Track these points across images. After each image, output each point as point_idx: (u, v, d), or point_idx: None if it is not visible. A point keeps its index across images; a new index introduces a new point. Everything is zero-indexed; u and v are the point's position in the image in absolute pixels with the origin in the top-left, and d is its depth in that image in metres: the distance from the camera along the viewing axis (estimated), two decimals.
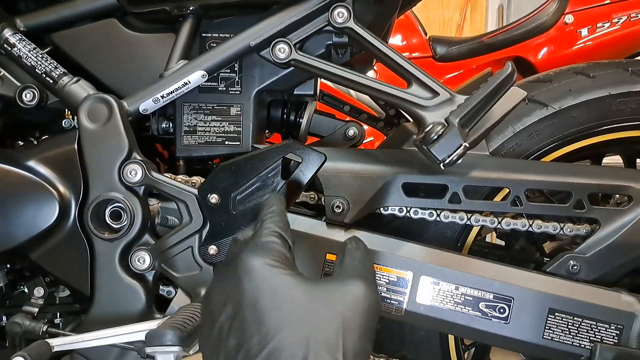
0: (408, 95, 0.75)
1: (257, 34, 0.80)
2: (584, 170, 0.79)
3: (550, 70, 0.92)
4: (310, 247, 0.78)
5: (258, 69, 0.86)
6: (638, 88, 0.84)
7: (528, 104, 0.86)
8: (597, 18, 1.85)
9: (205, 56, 0.81)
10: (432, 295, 0.75)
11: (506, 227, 0.80)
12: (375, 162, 0.80)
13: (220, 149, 0.86)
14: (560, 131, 0.85)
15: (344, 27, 0.79)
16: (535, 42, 1.89)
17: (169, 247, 0.75)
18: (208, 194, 0.73)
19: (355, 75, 0.78)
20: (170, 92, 0.80)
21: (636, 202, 0.76)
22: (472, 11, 3.82)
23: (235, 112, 0.86)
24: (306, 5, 0.80)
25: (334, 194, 0.78)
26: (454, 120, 0.68)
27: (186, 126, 0.86)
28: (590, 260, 0.76)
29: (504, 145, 0.85)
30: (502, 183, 0.79)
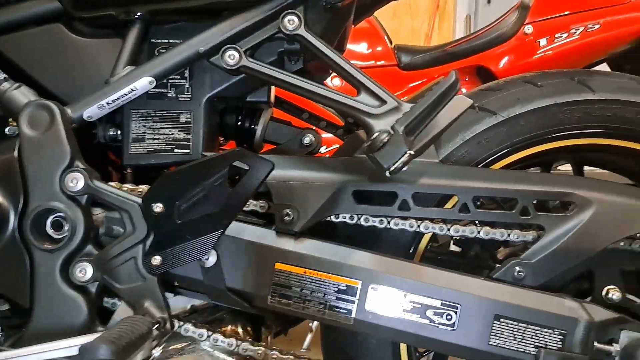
0: (356, 103, 0.75)
1: (206, 40, 0.79)
2: (529, 178, 0.80)
3: (501, 79, 0.94)
4: (259, 256, 0.77)
5: (209, 76, 0.85)
6: (583, 97, 0.86)
7: (478, 112, 0.87)
8: (555, 29, 1.89)
9: (152, 62, 0.80)
10: (380, 303, 0.75)
11: (455, 234, 0.80)
12: (326, 170, 0.79)
13: (169, 157, 0.85)
14: (509, 139, 0.86)
15: (294, 34, 0.78)
16: (497, 52, 1.92)
17: (112, 258, 0.73)
18: (152, 203, 0.72)
19: (305, 83, 0.77)
20: (116, 98, 0.79)
21: (579, 209, 0.77)
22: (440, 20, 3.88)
23: (185, 119, 0.85)
24: (257, 12, 0.79)
25: (283, 202, 0.77)
26: (399, 128, 0.68)
27: (134, 133, 0.85)
28: (535, 266, 0.77)
29: (453, 153, 0.85)
30: (451, 190, 0.79)
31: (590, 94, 0.86)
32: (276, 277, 0.77)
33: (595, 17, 1.90)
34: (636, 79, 0.89)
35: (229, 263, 0.77)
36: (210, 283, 0.77)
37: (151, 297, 0.73)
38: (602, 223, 0.77)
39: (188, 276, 0.78)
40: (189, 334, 0.79)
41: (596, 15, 1.91)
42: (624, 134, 0.86)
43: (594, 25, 1.89)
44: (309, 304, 0.77)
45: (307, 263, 0.76)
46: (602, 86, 0.86)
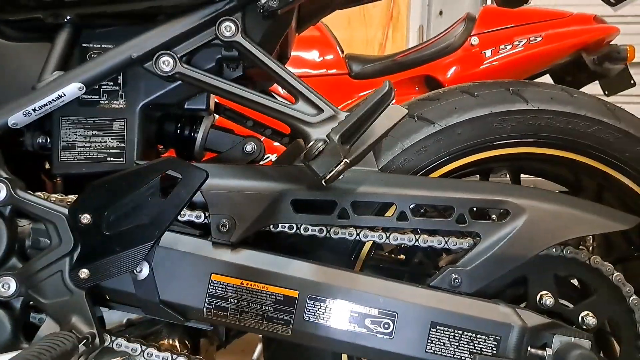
0: (293, 112, 0.74)
1: (140, 46, 0.77)
2: (465, 186, 0.81)
3: (440, 89, 0.95)
4: (194, 268, 0.75)
5: (143, 82, 0.82)
6: (517, 107, 0.88)
7: (416, 122, 0.88)
8: (499, 40, 1.95)
9: (82, 67, 0.77)
10: (318, 313, 0.74)
11: (394, 242, 0.81)
12: (264, 179, 0.78)
13: (101, 166, 0.81)
14: (446, 148, 0.87)
15: (231, 41, 0.77)
16: (445, 62, 1.96)
17: (37, 272, 0.70)
18: (79, 214, 0.69)
19: (241, 90, 0.76)
20: (43, 105, 0.75)
21: (513, 216, 0.79)
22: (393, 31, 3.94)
23: (118, 126, 0.82)
24: (193, 18, 0.78)
25: (219, 212, 0.76)
26: (334, 136, 0.68)
27: (64, 141, 0.81)
28: (471, 273, 0.78)
29: (393, 162, 0.86)
30: (389, 198, 0.79)
31: (524, 104, 0.88)
32: (212, 289, 0.75)
33: (537, 30, 1.98)
34: (567, 90, 0.92)
35: (163, 275, 0.75)
36: (142, 296, 0.74)
37: (78, 311, 0.70)
38: (535, 230, 0.79)
39: (120, 289, 0.75)
40: (122, 349, 0.76)
41: (538, 28, 1.98)
42: (555, 143, 0.89)
43: (537, 37, 1.97)
44: (246, 315, 0.75)
45: (244, 274, 0.75)
46: (535, 97, 0.89)
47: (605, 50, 2.00)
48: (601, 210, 0.82)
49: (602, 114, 0.89)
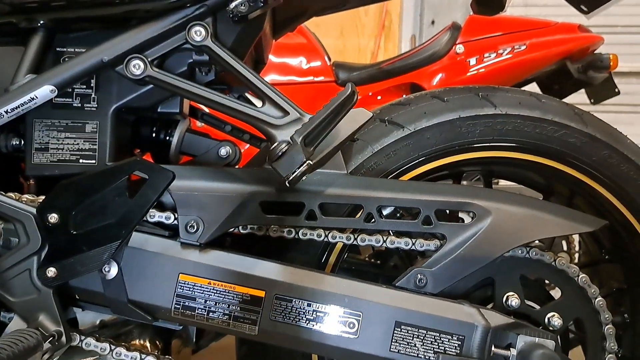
0: (260, 114, 0.75)
1: (111, 49, 0.79)
2: (432, 188, 0.82)
3: (412, 94, 0.97)
4: (162, 268, 0.76)
5: (116, 85, 0.84)
6: (485, 112, 0.89)
7: (387, 126, 0.89)
8: (484, 49, 1.98)
9: (54, 70, 0.78)
10: (285, 313, 0.75)
11: (362, 244, 0.82)
12: (233, 181, 0.79)
13: (74, 168, 0.82)
14: (416, 151, 0.89)
15: (201, 45, 0.79)
16: (430, 70, 1.98)
17: (5, 270, 0.71)
18: (47, 214, 0.70)
19: (209, 94, 0.78)
20: (15, 107, 0.77)
21: (478, 218, 0.80)
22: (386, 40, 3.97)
23: (90, 129, 0.83)
24: (163, 22, 0.79)
25: (187, 213, 0.77)
26: (297, 138, 0.69)
27: (37, 143, 0.82)
28: (436, 274, 0.79)
29: (363, 165, 0.87)
30: (356, 200, 0.81)
31: (492, 108, 0.90)
32: (180, 289, 0.76)
33: (522, 39, 2.00)
34: (536, 95, 0.94)
35: (132, 275, 0.76)
36: (111, 296, 0.75)
37: (46, 310, 0.71)
38: (500, 231, 0.80)
39: (89, 289, 0.76)
40: (91, 348, 0.77)
41: (523, 37, 2.00)
42: (524, 147, 0.90)
43: (521, 46, 1.99)
44: (214, 315, 0.76)
45: (211, 274, 0.76)
46: (503, 101, 0.91)
47: (589, 59, 2.03)
48: (566, 213, 0.83)
49: (570, 118, 0.91)
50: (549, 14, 2.62)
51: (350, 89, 0.71)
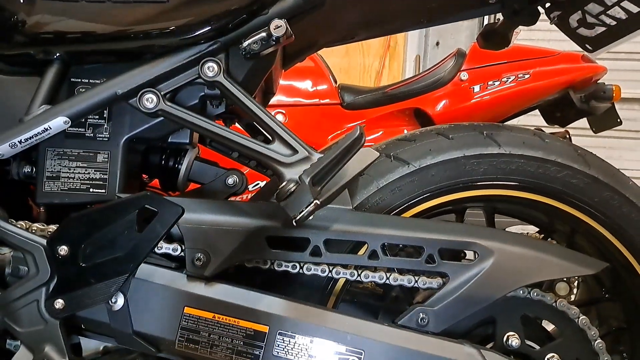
0: (269, 152, 0.77)
1: (125, 83, 0.80)
2: (435, 227, 0.83)
3: (417, 130, 0.98)
4: (168, 300, 0.77)
5: (128, 116, 0.85)
6: (489, 151, 0.91)
7: (392, 161, 0.91)
8: (488, 76, 2.00)
9: (69, 102, 0.80)
10: (287, 349, 0.76)
11: (365, 280, 0.83)
12: (239, 215, 0.81)
13: (84, 197, 0.84)
14: (420, 188, 0.90)
15: (213, 81, 0.80)
16: (434, 96, 2.00)
17: (14, 300, 0.72)
18: (57, 246, 0.71)
19: (221, 130, 0.79)
20: (29, 137, 0.78)
21: (481, 258, 0.81)
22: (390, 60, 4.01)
23: (102, 159, 0.85)
24: (177, 57, 0.81)
25: (194, 246, 0.78)
26: (305, 178, 0.70)
27: (49, 172, 0.84)
28: (438, 313, 0.79)
29: (368, 200, 0.89)
30: (361, 237, 0.82)
31: (496, 148, 0.91)
32: (185, 322, 0.77)
33: (525, 67, 2.03)
34: (539, 134, 0.95)
35: (138, 306, 0.76)
36: (116, 326, 0.76)
37: (52, 341, 0.72)
38: (502, 272, 0.81)
39: (95, 319, 0.77)
40: None
41: (527, 66, 2.03)
42: (527, 186, 0.91)
43: (525, 74, 2.01)
44: (217, 349, 0.77)
45: (216, 308, 0.77)
46: (507, 141, 0.92)
47: (592, 88, 2.05)
48: (568, 255, 0.84)
49: (572, 159, 0.92)
50: (553, 38, 2.65)
51: (358, 131, 0.72)
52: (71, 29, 0.79)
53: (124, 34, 0.79)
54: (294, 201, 0.70)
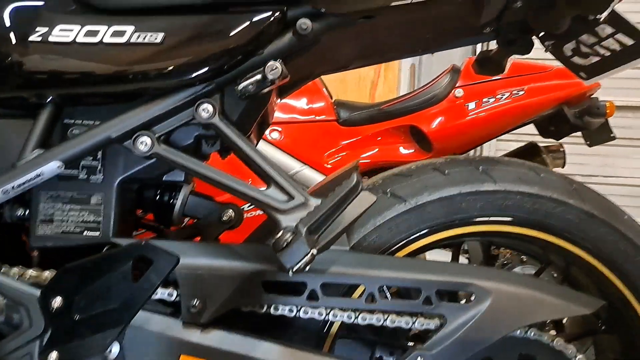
0: (264, 197, 0.76)
1: (119, 126, 0.80)
2: (433, 267, 0.83)
3: (413, 164, 0.98)
4: (164, 348, 0.76)
5: (122, 157, 0.85)
6: (485, 187, 0.91)
7: (389, 198, 0.91)
8: (483, 93, 2.00)
9: (62, 146, 0.79)
10: None
11: (363, 322, 0.82)
12: (236, 259, 0.80)
13: (78, 239, 0.83)
14: (417, 225, 0.90)
15: (208, 123, 0.80)
16: (429, 113, 2.00)
17: (6, 355, 0.71)
18: (51, 297, 0.70)
19: (216, 175, 0.79)
20: (22, 183, 0.77)
21: (478, 299, 0.81)
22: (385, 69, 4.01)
23: (96, 201, 0.84)
24: (172, 99, 0.81)
25: (190, 293, 0.77)
26: (302, 228, 0.70)
27: (42, 215, 0.83)
28: (436, 356, 0.79)
29: (365, 238, 0.88)
30: (358, 280, 0.81)
31: (492, 184, 0.91)
32: None
33: (520, 84, 2.03)
34: (534, 168, 0.95)
35: (133, 354, 0.76)
36: None
37: None
38: (500, 313, 0.81)
39: None
40: None
41: (521, 82, 2.03)
42: (523, 222, 0.91)
43: (519, 91, 2.02)
44: None
45: (213, 355, 0.76)
46: (502, 176, 0.92)
47: (585, 104, 2.06)
48: (565, 294, 0.85)
49: (568, 194, 0.92)
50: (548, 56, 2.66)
51: (354, 179, 0.72)
52: (64, 72, 0.78)
53: (118, 76, 0.78)
54: (290, 252, 0.70)
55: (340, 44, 0.93)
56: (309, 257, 0.70)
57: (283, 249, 0.70)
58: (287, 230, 0.72)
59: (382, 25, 0.90)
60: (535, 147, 2.12)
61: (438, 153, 2.03)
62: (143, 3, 0.79)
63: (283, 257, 0.70)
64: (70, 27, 0.77)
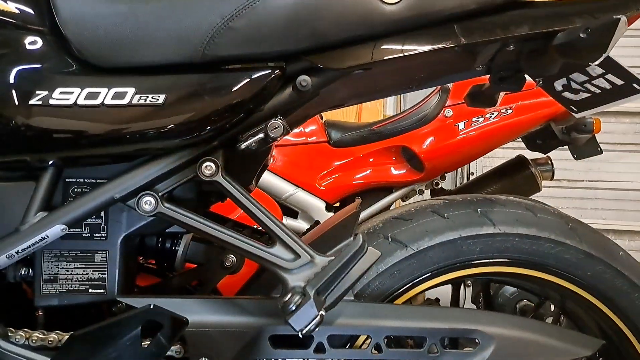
0: (270, 256, 0.77)
1: (122, 186, 0.80)
2: (436, 315, 0.84)
3: (412, 207, 0.99)
4: None
5: (125, 215, 0.85)
6: (485, 230, 0.92)
7: (390, 244, 0.92)
8: (472, 113, 2.02)
9: (65, 209, 0.79)
10: None
11: None
12: (242, 314, 0.81)
13: (83, 297, 0.83)
14: (419, 270, 0.91)
15: (211, 180, 0.80)
16: (420, 133, 2.02)
17: None
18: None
19: (222, 233, 0.79)
20: (26, 247, 0.77)
21: (482, 346, 0.83)
22: None
23: (100, 258, 0.84)
24: (174, 158, 0.81)
25: (198, 351, 0.78)
26: (310, 291, 0.71)
27: (46, 274, 0.83)
28: None
29: (369, 285, 0.89)
30: (364, 330, 0.83)
31: (492, 227, 0.93)
32: None
33: (508, 102, 2.06)
34: (531, 208, 0.97)
35: None
36: None
37: None
38: (503, 358, 0.83)
39: None
40: None
41: (509, 100, 2.06)
42: (522, 262, 0.93)
43: (507, 109, 2.04)
44: None
45: None
46: (501, 219, 0.94)
47: (572, 120, 2.09)
48: (566, 336, 0.87)
49: (565, 234, 0.94)
50: None
51: (360, 241, 0.73)
52: (66, 135, 0.78)
53: (121, 138, 0.78)
54: (300, 316, 0.70)
55: (336, 91, 0.95)
56: (319, 319, 0.71)
57: (292, 312, 0.71)
58: (295, 292, 0.73)
59: (377, 72, 0.91)
60: (524, 161, 2.15)
61: (429, 173, 2.05)
62: (143, 62, 0.79)
63: (293, 321, 0.71)
64: (70, 90, 0.77)
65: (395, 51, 0.78)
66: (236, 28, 0.75)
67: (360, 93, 1.04)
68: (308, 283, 0.72)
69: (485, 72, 0.98)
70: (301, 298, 0.71)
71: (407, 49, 0.79)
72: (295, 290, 0.73)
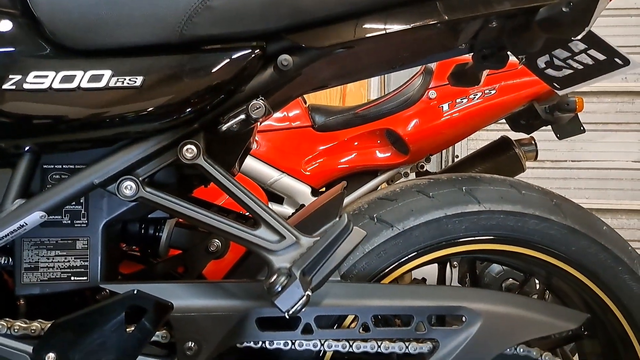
0: (255, 239, 0.76)
1: (101, 172, 0.78)
2: (423, 293, 0.85)
3: (397, 187, 0.99)
4: None
5: (106, 200, 0.83)
6: (469, 209, 0.92)
7: (376, 224, 0.92)
8: (456, 94, 2.02)
9: (44, 195, 0.77)
10: None
11: (357, 351, 0.84)
12: (229, 297, 0.80)
13: (65, 285, 0.82)
14: (405, 249, 0.91)
15: (193, 163, 0.79)
16: (404, 115, 2.02)
17: None
18: (44, 354, 0.69)
19: (205, 217, 0.78)
20: (5, 235, 0.75)
21: (468, 322, 0.83)
22: None
23: (81, 245, 0.82)
24: (154, 142, 0.79)
25: (184, 336, 0.77)
26: (295, 271, 0.70)
27: (27, 263, 0.81)
28: None
29: (355, 266, 0.89)
30: (351, 310, 0.83)
31: (476, 205, 0.93)
32: None
33: (491, 82, 2.06)
34: (515, 185, 0.97)
35: None
36: None
37: None
38: (490, 335, 0.83)
39: None
40: None
41: (492, 81, 2.06)
42: (507, 239, 0.94)
43: (491, 90, 2.05)
44: None
45: None
46: (486, 197, 0.94)
47: (555, 99, 2.10)
48: (551, 310, 0.87)
49: (549, 211, 0.95)
50: None
51: (345, 220, 0.73)
52: (42, 120, 0.75)
53: (98, 122, 0.76)
54: (285, 297, 0.70)
55: (319, 71, 0.93)
56: (305, 299, 0.70)
57: (278, 294, 0.70)
58: (281, 273, 0.72)
59: (360, 51, 0.90)
60: (508, 141, 2.16)
61: (414, 155, 2.05)
62: (118, 43, 0.76)
63: (279, 302, 0.70)
64: (45, 73, 0.74)
65: (378, 29, 0.77)
66: (214, 7, 0.73)
67: (343, 73, 1.03)
68: (294, 264, 0.72)
69: (468, 51, 0.98)
70: (287, 279, 0.71)
71: (389, 27, 0.78)
72: (281, 272, 0.72)
